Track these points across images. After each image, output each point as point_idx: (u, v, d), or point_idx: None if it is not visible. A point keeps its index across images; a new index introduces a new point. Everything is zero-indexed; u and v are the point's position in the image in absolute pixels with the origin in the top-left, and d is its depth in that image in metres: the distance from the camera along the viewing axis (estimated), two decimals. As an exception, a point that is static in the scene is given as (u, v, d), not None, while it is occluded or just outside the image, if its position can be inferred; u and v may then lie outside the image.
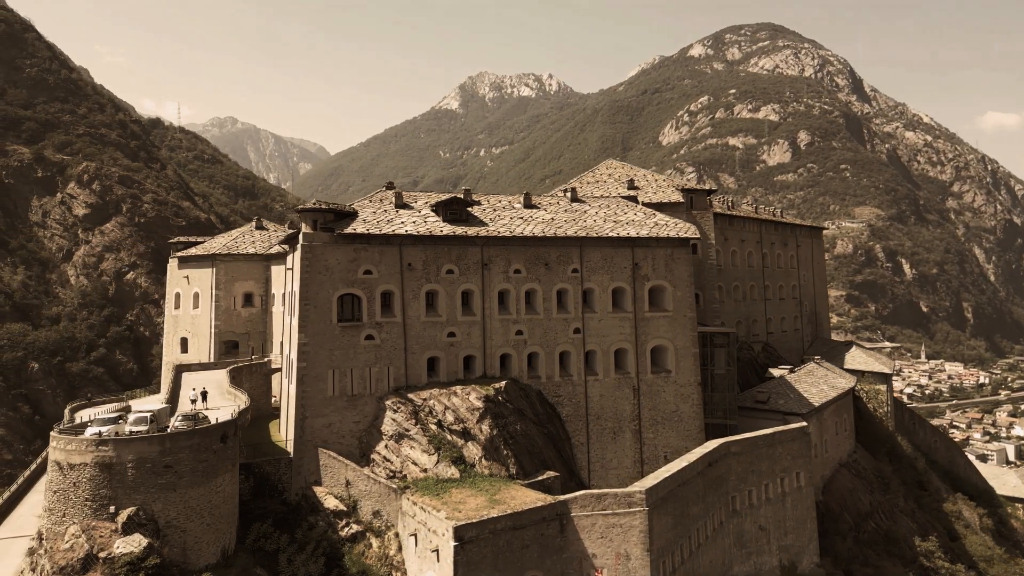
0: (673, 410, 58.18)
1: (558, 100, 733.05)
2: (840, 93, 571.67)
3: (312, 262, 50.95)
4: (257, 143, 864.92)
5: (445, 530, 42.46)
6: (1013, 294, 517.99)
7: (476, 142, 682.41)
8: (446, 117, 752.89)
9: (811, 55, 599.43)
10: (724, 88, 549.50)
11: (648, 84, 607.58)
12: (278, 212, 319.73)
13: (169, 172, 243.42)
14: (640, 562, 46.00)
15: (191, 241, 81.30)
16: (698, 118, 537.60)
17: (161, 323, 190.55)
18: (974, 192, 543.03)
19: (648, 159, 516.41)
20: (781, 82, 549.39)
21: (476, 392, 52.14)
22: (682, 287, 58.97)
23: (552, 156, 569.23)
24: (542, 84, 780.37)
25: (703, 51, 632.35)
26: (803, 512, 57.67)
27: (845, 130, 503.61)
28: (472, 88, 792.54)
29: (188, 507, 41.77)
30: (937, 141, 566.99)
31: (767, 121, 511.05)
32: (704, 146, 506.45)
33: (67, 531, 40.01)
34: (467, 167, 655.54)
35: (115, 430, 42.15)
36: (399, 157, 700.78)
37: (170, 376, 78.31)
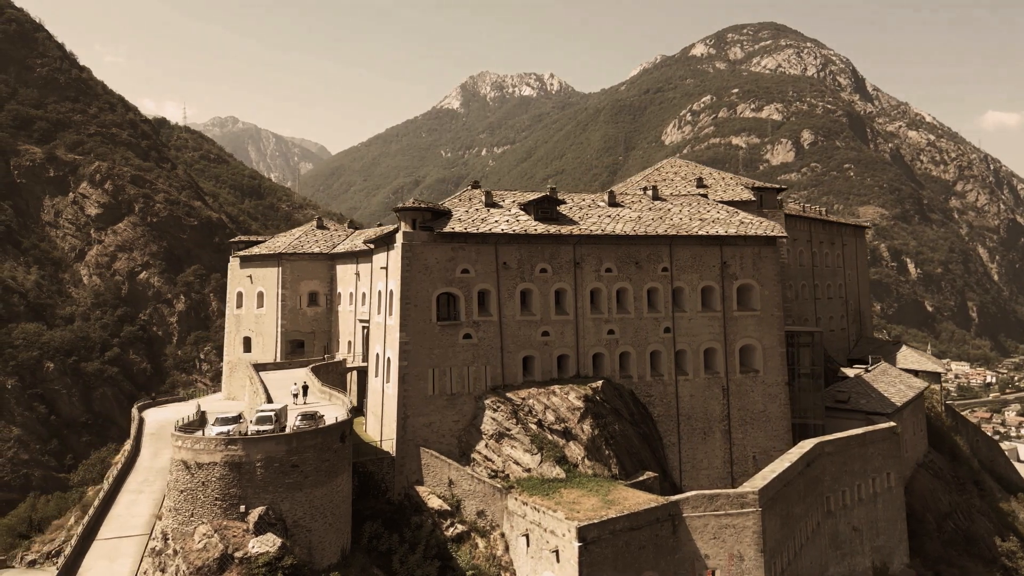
0: (761, 410, 58.20)
1: (560, 100, 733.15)
2: (843, 92, 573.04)
3: (412, 261, 50.77)
4: (258, 143, 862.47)
5: (567, 530, 42.32)
6: (1017, 293, 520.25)
7: (478, 142, 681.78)
8: (447, 117, 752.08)
9: (813, 54, 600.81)
10: (726, 87, 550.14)
11: (650, 84, 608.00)
12: (284, 212, 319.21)
13: (180, 172, 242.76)
14: (754, 563, 45.95)
15: (252, 240, 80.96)
16: (701, 118, 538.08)
17: (174, 322, 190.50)
18: (977, 191, 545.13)
19: (651, 159, 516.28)
20: (784, 81, 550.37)
21: (575, 391, 52.06)
22: (769, 286, 58.99)
23: (554, 156, 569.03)
24: (543, 84, 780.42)
25: (705, 50, 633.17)
26: (894, 513, 57.75)
27: (848, 129, 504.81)
28: (473, 88, 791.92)
29: (313, 507, 41.59)
30: (940, 140, 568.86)
31: (770, 120, 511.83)
32: (707, 145, 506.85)
33: (196, 531, 39.77)
34: (469, 167, 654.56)
35: (238, 429, 41.95)
36: (400, 157, 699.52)
37: (229, 375, 78.20)
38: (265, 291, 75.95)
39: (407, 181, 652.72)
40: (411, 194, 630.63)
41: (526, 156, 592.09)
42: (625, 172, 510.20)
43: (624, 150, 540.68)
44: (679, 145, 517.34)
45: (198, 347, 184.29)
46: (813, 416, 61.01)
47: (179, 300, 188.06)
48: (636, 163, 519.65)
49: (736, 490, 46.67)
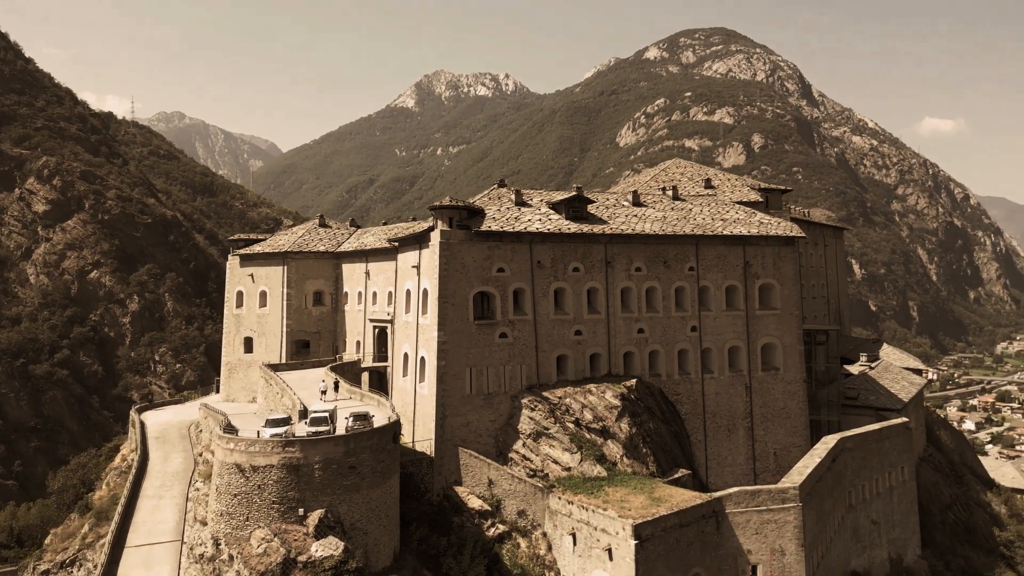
0: (781, 407, 59.44)
1: (515, 100, 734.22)
2: (791, 98, 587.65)
3: (450, 260, 50.36)
4: (206, 139, 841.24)
5: (621, 528, 42.54)
6: (954, 293, 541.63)
7: (433, 141, 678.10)
8: (402, 115, 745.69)
9: (763, 60, 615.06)
10: (680, 91, 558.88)
11: (605, 86, 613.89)
12: (239, 210, 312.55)
13: (132, 168, 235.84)
14: (795, 557, 46.90)
15: (252, 239, 79.06)
16: (654, 120, 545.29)
17: (127, 323, 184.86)
18: (917, 195, 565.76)
19: (606, 160, 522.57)
20: (735, 86, 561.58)
21: (611, 390, 52.36)
22: (788, 285, 60.29)
23: (511, 156, 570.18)
24: (499, 84, 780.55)
25: (658, 54, 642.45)
26: (907, 505, 59.62)
27: (796, 134, 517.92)
28: (428, 86, 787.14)
29: (369, 508, 40.94)
30: (882, 145, 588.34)
31: (722, 124, 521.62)
32: (661, 148, 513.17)
33: (252, 535, 38.79)
34: (424, 166, 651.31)
35: (291, 431, 41.02)
36: (354, 155, 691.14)
37: (228, 376, 76.14)
38: (269, 290, 74.31)
39: (361, 180, 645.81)
40: (365, 192, 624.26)
41: (482, 156, 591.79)
42: (581, 173, 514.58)
43: (580, 151, 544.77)
44: (634, 147, 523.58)
45: (152, 348, 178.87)
46: (828, 413, 62.56)
47: (132, 300, 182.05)
48: (591, 164, 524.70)
49: (777, 486, 47.59)
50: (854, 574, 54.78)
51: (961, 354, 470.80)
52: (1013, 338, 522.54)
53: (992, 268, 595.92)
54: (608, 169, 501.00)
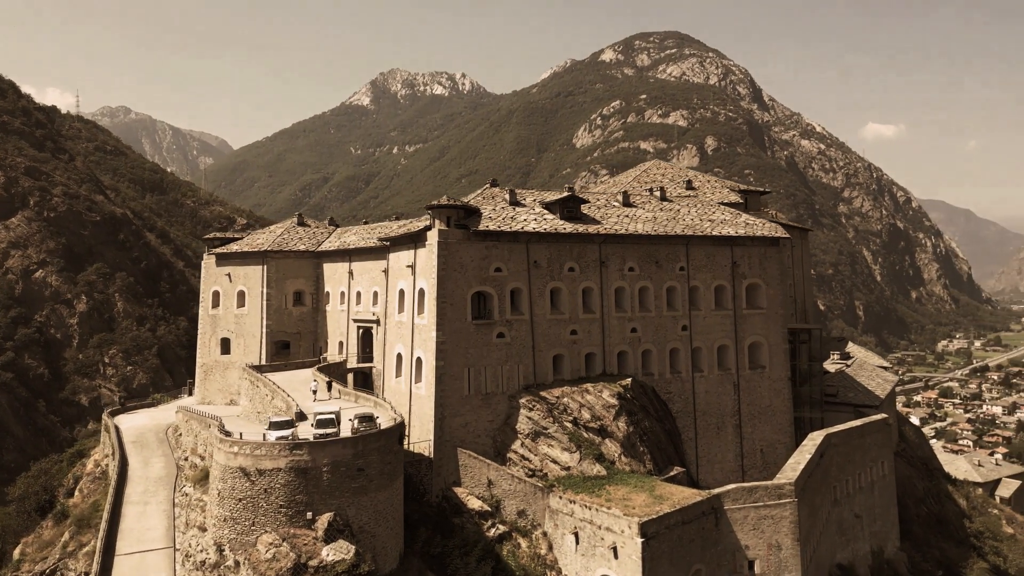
0: (767, 405, 60.57)
1: (472, 100, 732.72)
2: (742, 101, 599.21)
3: (448, 259, 50.01)
4: (153, 135, 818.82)
5: (626, 527, 42.80)
6: (897, 293, 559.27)
7: (389, 139, 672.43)
8: (357, 113, 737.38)
9: (715, 64, 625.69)
10: (635, 93, 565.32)
11: (561, 87, 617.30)
12: (190, 208, 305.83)
13: (79, 164, 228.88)
14: (791, 552, 47.81)
15: (227, 237, 77.35)
16: (611, 122, 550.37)
17: (75, 324, 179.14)
18: (862, 198, 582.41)
19: (563, 161, 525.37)
20: (689, 89, 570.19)
21: (609, 389, 52.67)
22: (774, 285, 61.47)
23: (468, 156, 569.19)
24: (455, 83, 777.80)
25: (614, 56, 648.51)
26: (887, 499, 61.30)
27: (748, 137, 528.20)
28: (384, 84, 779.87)
29: (376, 511, 40.42)
30: (829, 149, 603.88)
31: (676, 126, 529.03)
32: (617, 149, 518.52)
33: (259, 541, 37.94)
34: (380, 164, 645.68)
35: (294, 433, 40.20)
36: (308, 153, 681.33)
37: (204, 378, 74.28)
38: (247, 290, 72.77)
39: (315, 178, 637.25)
40: (319, 191, 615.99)
41: (439, 155, 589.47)
42: (538, 174, 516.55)
43: (537, 152, 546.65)
44: (590, 148, 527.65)
45: (102, 350, 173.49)
46: (810, 410, 63.94)
47: (80, 300, 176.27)
48: (548, 165, 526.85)
49: (773, 482, 48.44)
50: (839, 567, 56.08)
51: (904, 352, 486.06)
52: (953, 336, 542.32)
53: (933, 269, 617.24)
54: (565, 170, 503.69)
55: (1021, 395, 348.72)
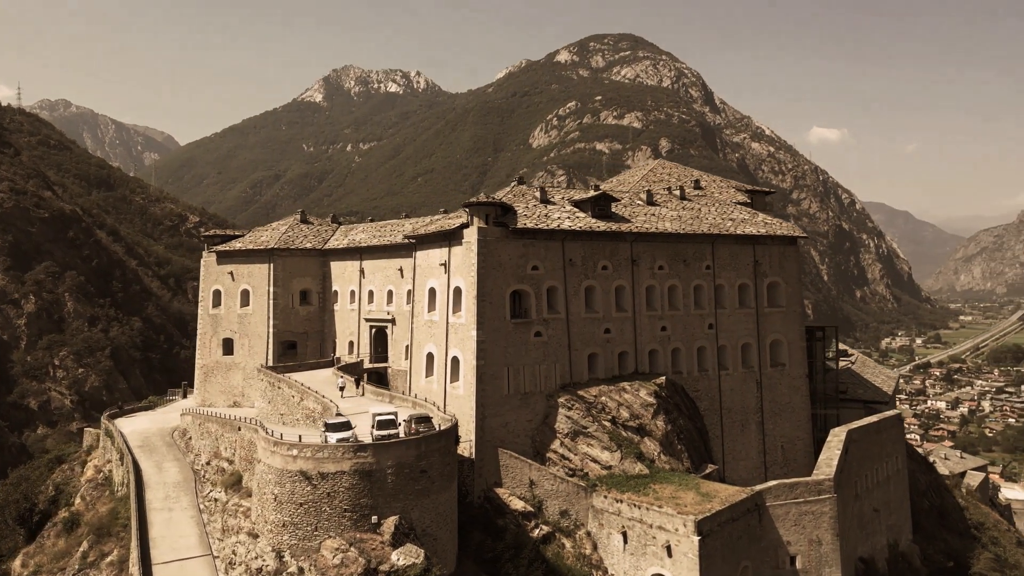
0: (787, 402, 61.46)
1: (427, 98, 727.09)
2: (695, 104, 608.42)
3: (487, 257, 49.36)
4: (95, 129, 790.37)
5: (681, 525, 42.84)
6: (843, 292, 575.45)
7: (342, 137, 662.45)
8: (309, 110, 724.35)
9: (668, 67, 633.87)
10: (590, 94, 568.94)
11: (517, 87, 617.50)
12: (139, 205, 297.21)
13: (24, 158, 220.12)
14: (831, 547, 48.56)
15: (228, 235, 75.00)
16: (567, 122, 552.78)
17: (23, 325, 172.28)
18: (810, 200, 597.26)
19: (519, 161, 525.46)
20: (642, 91, 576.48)
21: (646, 388, 52.69)
22: (792, 283, 62.43)
23: (423, 154, 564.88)
24: (410, 81, 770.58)
25: (569, 57, 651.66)
26: (901, 493, 62.80)
27: (701, 139, 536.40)
28: (337, 81, 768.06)
29: (438, 513, 39.70)
30: (778, 152, 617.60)
31: (631, 128, 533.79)
32: (573, 150, 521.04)
33: (322, 546, 36.81)
34: (333, 162, 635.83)
35: (354, 435, 39.10)
36: (259, 150, 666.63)
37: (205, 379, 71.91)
38: (252, 289, 70.77)
39: (267, 175, 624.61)
40: (271, 189, 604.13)
41: (394, 153, 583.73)
42: (495, 173, 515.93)
43: (494, 151, 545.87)
44: (547, 148, 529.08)
45: (51, 352, 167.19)
46: (825, 406, 65.10)
47: (28, 300, 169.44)
48: (505, 165, 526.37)
49: (813, 478, 49.16)
50: (861, 560, 57.17)
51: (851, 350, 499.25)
52: (895, 334, 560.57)
53: (876, 269, 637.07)
54: (522, 170, 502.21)
55: (963, 391, 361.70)
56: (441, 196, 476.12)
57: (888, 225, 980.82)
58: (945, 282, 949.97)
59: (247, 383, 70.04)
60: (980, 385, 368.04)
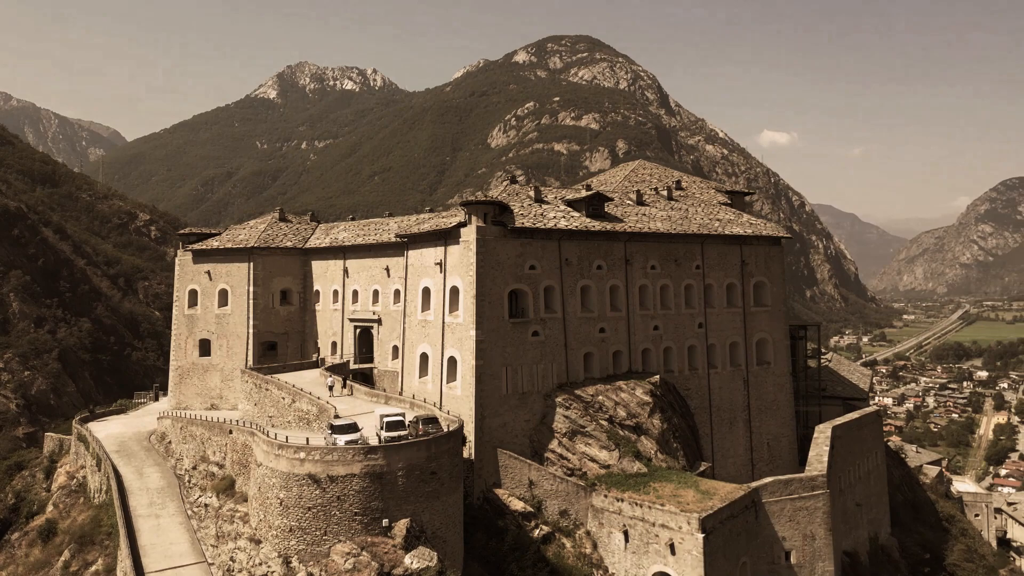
0: (772, 399, 62.39)
1: (383, 96, 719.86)
2: (651, 106, 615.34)
3: (486, 257, 48.95)
4: (37, 124, 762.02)
5: (685, 523, 43.10)
6: (793, 292, 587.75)
7: (297, 134, 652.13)
8: (263, 106, 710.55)
9: (625, 69, 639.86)
10: (548, 95, 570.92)
11: (475, 87, 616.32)
12: (86, 202, 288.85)
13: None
14: (824, 542, 49.48)
15: (204, 233, 73.07)
16: (525, 123, 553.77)
17: None
18: (762, 201, 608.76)
19: (478, 160, 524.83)
20: (600, 93, 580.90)
21: (641, 387, 52.90)
22: (777, 283, 63.38)
23: (381, 153, 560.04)
24: (367, 79, 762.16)
25: (527, 58, 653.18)
26: (880, 487, 64.29)
27: (657, 141, 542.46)
28: (292, 77, 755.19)
29: (447, 515, 39.16)
30: (732, 155, 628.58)
31: (588, 129, 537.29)
32: (531, 150, 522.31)
33: (332, 551, 36.00)
34: (288, 160, 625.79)
35: (362, 437, 38.32)
36: (210, 146, 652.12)
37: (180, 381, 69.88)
38: (231, 288, 69.03)
39: (219, 172, 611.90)
40: (223, 186, 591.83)
41: (350, 152, 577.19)
42: (453, 173, 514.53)
43: (452, 151, 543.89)
44: (505, 148, 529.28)
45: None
46: (807, 404, 66.27)
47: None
48: (463, 164, 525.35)
49: (806, 474, 50.01)
50: (846, 554, 58.32)
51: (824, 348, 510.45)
52: (843, 332, 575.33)
53: (825, 269, 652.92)
54: (481, 169, 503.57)
55: (909, 387, 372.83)
56: (398, 195, 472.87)
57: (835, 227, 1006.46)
58: (889, 282, 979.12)
59: (225, 385, 68.39)
60: (924, 382, 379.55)
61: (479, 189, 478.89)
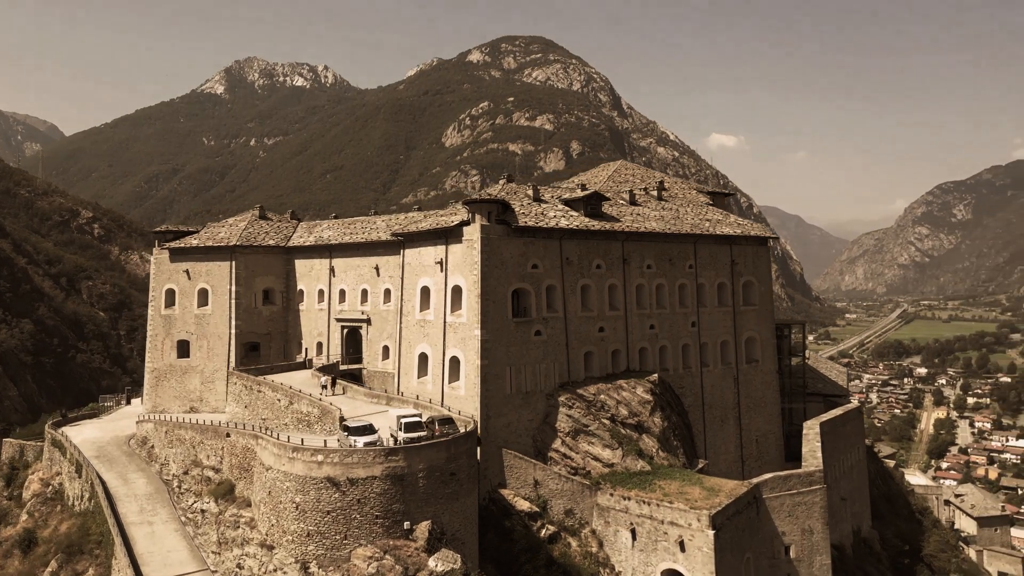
0: (760, 397, 63.42)
1: (335, 94, 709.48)
2: (604, 108, 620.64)
3: (490, 256, 48.58)
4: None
5: (695, 520, 43.45)
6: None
7: (245, 131, 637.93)
8: (210, 102, 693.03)
9: (578, 71, 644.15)
10: (503, 95, 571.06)
11: (429, 85, 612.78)
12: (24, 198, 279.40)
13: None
14: (821, 536, 50.49)
15: (181, 231, 70.89)
16: (479, 123, 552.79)
17: None
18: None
19: (433, 159, 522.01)
20: (554, 94, 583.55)
21: (642, 386, 53.15)
22: (764, 282, 64.46)
23: (333, 151, 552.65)
24: (317, 76, 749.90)
25: (481, 57, 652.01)
26: (862, 481, 65.92)
27: (610, 142, 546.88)
28: (240, 73, 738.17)
29: (465, 517, 38.79)
30: (682, 157, 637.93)
31: (543, 130, 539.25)
32: (486, 150, 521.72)
33: (353, 555, 35.26)
34: (236, 157, 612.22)
35: (378, 439, 37.62)
36: (155, 142, 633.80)
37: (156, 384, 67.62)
38: (211, 288, 67.09)
39: (163, 169, 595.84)
40: (168, 183, 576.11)
41: (301, 149, 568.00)
42: (407, 172, 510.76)
43: (406, 149, 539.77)
44: (459, 148, 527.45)
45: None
46: (791, 401, 67.54)
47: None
48: (418, 163, 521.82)
49: (804, 470, 50.93)
50: (834, 547, 59.59)
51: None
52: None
53: (773, 270, 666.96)
54: (435, 168, 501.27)
55: (852, 384, 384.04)
56: (351, 194, 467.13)
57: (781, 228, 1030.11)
58: (832, 282, 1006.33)
59: (206, 387, 66.48)
60: (868, 378, 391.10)
61: (434, 188, 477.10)
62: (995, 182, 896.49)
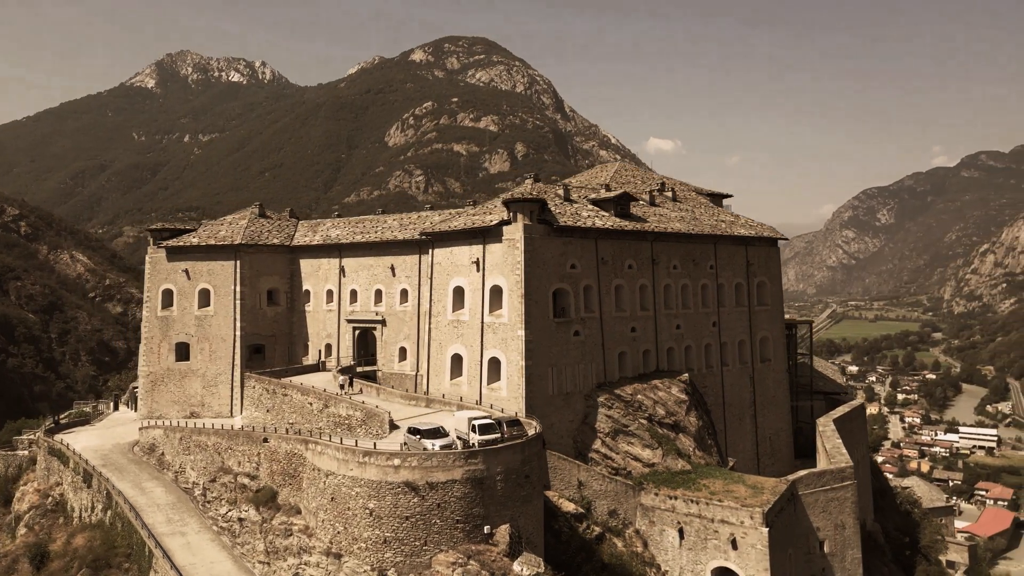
0: (773, 395, 64.58)
1: (273, 90, 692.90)
2: (547, 111, 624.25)
3: (533, 255, 48.04)
4: None
5: (747, 518, 43.90)
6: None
7: (179, 126, 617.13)
8: (140, 96, 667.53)
9: (522, 73, 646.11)
10: (447, 96, 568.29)
11: (371, 84, 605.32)
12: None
13: None
14: (852, 531, 51.60)
15: (179, 229, 67.89)
16: (423, 122, 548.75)
17: None
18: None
19: (376, 159, 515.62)
20: (498, 95, 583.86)
21: (677, 386, 53.38)
22: (775, 282, 65.66)
23: (272, 148, 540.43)
24: (255, 71, 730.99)
25: (424, 57, 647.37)
26: (866, 476, 67.64)
27: (554, 145, 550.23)
28: (172, 67, 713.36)
29: (537, 520, 38.24)
30: (624, 160, 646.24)
31: (488, 131, 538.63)
32: (431, 150, 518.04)
33: (434, 560, 34.26)
34: (169, 153, 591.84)
35: (449, 442, 36.63)
36: (81, 136, 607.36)
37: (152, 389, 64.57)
38: (214, 288, 64.49)
39: (90, 164, 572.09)
40: (96, 180, 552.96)
41: (239, 146, 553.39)
42: (349, 170, 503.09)
43: (348, 148, 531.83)
44: (403, 147, 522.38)
45: None
46: (798, 398, 68.94)
47: None
48: (360, 162, 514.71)
49: (836, 466, 51.96)
50: (846, 541, 61.11)
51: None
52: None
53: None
54: (379, 168, 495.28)
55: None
56: (291, 192, 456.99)
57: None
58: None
59: (208, 391, 63.89)
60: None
61: (377, 188, 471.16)
62: (916, 188, 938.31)
